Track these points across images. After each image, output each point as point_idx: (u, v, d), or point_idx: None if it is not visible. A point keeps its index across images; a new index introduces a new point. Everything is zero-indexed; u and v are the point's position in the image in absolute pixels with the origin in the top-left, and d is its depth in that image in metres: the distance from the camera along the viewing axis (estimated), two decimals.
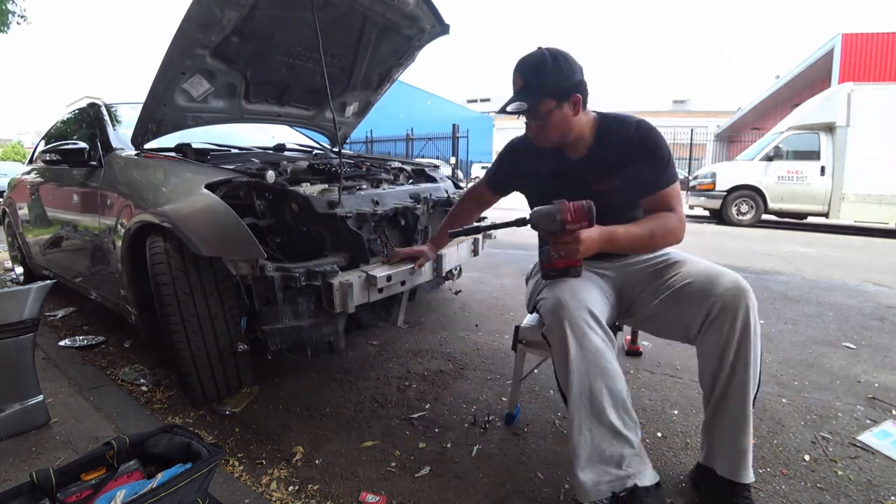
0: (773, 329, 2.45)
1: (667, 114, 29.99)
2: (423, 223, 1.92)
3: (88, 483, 1.00)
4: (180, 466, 1.02)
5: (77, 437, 1.44)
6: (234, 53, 1.80)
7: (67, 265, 2.50)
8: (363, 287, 1.44)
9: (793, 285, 3.41)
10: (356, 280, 1.42)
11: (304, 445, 1.41)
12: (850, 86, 7.06)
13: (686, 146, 14.81)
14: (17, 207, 3.16)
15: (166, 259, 1.48)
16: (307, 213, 1.51)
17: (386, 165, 2.27)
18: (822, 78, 13.91)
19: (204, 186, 1.48)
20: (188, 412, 1.60)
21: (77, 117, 2.63)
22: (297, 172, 1.76)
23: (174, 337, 1.49)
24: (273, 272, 1.38)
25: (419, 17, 2.08)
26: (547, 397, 1.71)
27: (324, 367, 1.92)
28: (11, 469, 1.29)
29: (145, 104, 1.75)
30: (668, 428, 1.51)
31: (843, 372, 1.94)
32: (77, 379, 1.83)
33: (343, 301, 1.39)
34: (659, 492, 1.04)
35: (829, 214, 7.11)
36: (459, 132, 15.12)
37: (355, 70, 2.30)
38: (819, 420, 1.56)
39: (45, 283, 1.49)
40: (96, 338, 2.29)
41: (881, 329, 2.47)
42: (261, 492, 1.21)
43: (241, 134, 2.65)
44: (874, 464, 1.33)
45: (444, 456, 1.37)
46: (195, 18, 1.54)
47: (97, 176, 2.02)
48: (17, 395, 1.46)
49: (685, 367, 1.97)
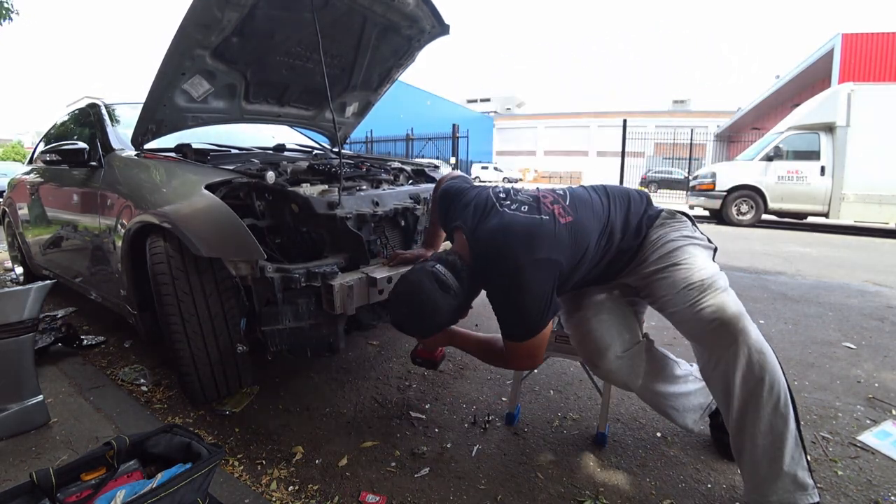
0: (773, 329, 2.45)
1: (667, 114, 30.00)
2: (423, 223, 1.92)
3: (88, 483, 1.00)
4: (180, 466, 1.02)
5: (77, 437, 1.44)
6: (234, 54, 1.80)
7: (67, 265, 2.50)
8: (363, 288, 1.44)
9: (793, 285, 3.41)
10: (357, 282, 1.42)
11: (304, 445, 1.41)
12: (850, 86, 7.06)
13: (686, 146, 14.81)
14: (17, 207, 3.15)
15: (166, 259, 1.48)
16: (307, 214, 1.51)
17: (386, 166, 2.27)
18: (822, 78, 13.91)
19: (204, 187, 1.48)
20: (188, 412, 1.60)
21: (77, 117, 2.63)
22: (297, 173, 1.76)
23: (174, 337, 1.49)
24: (273, 273, 1.38)
25: (419, 18, 2.08)
26: (547, 397, 1.71)
27: (324, 367, 1.92)
28: (11, 469, 1.29)
29: (145, 104, 1.75)
30: (669, 427, 1.51)
31: (843, 372, 1.94)
32: (77, 379, 1.83)
33: (343, 302, 1.39)
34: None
35: (829, 214, 7.11)
36: (459, 132, 15.12)
37: (355, 70, 2.30)
38: (819, 420, 1.56)
39: (45, 283, 1.50)
40: (96, 338, 2.29)
41: (881, 329, 2.47)
42: (261, 492, 1.21)
43: (241, 134, 2.65)
44: (874, 464, 1.33)
45: (444, 456, 1.37)
46: (195, 19, 1.54)
47: (97, 176, 2.02)
48: (17, 395, 1.47)
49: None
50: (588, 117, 34.00)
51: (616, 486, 1.25)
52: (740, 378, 1.05)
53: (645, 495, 1.21)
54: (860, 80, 10.54)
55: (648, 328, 2.31)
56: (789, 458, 1.04)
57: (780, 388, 1.05)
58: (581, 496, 1.21)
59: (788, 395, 1.06)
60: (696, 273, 1.12)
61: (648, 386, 1.29)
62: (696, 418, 1.36)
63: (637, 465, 1.33)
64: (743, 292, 3.16)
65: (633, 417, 1.58)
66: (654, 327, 2.33)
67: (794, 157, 7.34)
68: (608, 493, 1.22)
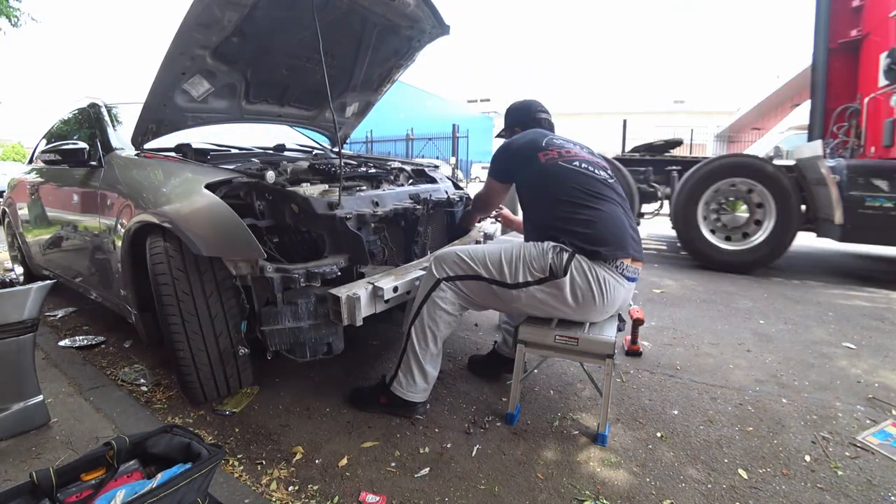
0: (773, 329, 2.45)
1: (667, 114, 29.98)
2: (423, 224, 1.92)
3: (88, 483, 1.00)
4: (180, 466, 1.02)
5: (77, 437, 1.44)
6: (235, 54, 1.80)
7: (67, 265, 2.50)
8: (370, 299, 1.44)
9: (793, 285, 3.41)
10: (363, 293, 1.41)
11: (304, 445, 1.41)
12: None
13: (686, 146, 14.84)
14: (17, 207, 3.15)
15: (166, 259, 1.48)
16: (307, 214, 1.51)
17: (386, 166, 2.27)
18: None
19: (204, 186, 1.48)
20: (188, 412, 1.60)
21: (77, 117, 2.63)
22: (297, 172, 1.76)
23: (174, 337, 1.48)
24: (272, 273, 1.38)
25: (420, 18, 2.08)
26: (547, 397, 1.71)
27: (324, 368, 1.92)
28: (11, 469, 1.29)
29: (145, 104, 1.75)
30: (668, 428, 1.51)
31: (843, 372, 1.94)
32: (77, 379, 1.83)
33: (351, 314, 1.38)
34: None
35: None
36: (459, 132, 15.11)
37: (355, 70, 2.30)
38: (819, 420, 1.56)
39: (45, 283, 1.49)
40: (96, 338, 2.29)
41: (881, 329, 2.47)
42: (261, 492, 1.21)
43: (241, 134, 2.65)
44: (874, 464, 1.33)
45: (444, 456, 1.37)
46: (195, 19, 1.54)
47: (97, 176, 2.02)
48: (18, 395, 1.46)
49: (685, 367, 1.97)
50: (588, 117, 33.99)
51: (616, 486, 1.25)
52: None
53: (645, 495, 1.21)
54: None
55: (649, 328, 2.31)
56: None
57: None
58: (581, 496, 1.21)
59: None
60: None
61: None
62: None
63: (637, 465, 1.33)
64: (743, 292, 3.16)
65: (633, 417, 1.58)
66: (655, 327, 2.33)
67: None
68: (608, 493, 1.22)
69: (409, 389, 1.51)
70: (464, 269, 1.47)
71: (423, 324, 1.49)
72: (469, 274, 1.46)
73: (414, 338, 1.50)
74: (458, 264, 1.47)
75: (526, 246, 1.46)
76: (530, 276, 1.41)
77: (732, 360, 2.05)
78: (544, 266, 1.39)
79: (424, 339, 1.49)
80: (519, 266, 1.42)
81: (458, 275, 1.47)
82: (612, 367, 1.39)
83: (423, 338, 1.49)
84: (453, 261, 1.48)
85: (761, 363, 2.03)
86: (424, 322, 1.48)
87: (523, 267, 1.41)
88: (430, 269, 1.51)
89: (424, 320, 1.48)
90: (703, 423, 1.54)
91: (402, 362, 1.52)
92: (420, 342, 1.49)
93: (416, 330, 1.49)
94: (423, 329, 1.49)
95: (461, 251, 1.50)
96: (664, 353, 2.11)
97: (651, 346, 2.19)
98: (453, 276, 1.47)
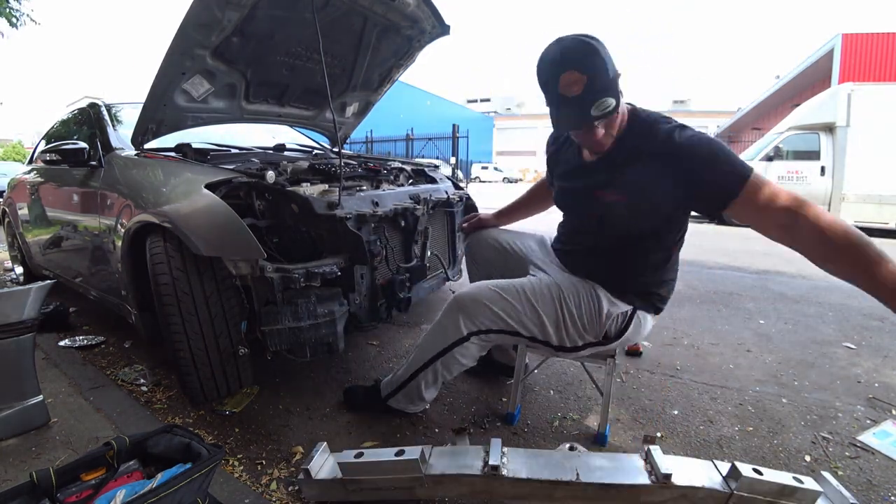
0: (773, 329, 2.45)
1: (667, 114, 29.90)
2: (422, 224, 1.92)
3: (88, 483, 1.00)
4: (180, 466, 1.02)
5: (77, 437, 1.44)
6: (235, 54, 1.80)
7: (67, 265, 2.50)
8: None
9: (793, 285, 3.41)
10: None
11: (304, 445, 1.41)
12: (850, 86, 7.06)
13: None
14: (17, 207, 3.15)
15: (166, 259, 1.48)
16: (307, 214, 1.51)
17: (386, 166, 2.27)
18: (822, 78, 13.92)
19: (204, 186, 1.48)
20: (188, 412, 1.60)
21: (77, 117, 2.63)
22: (297, 172, 1.76)
23: (174, 337, 1.48)
24: (272, 273, 1.38)
25: (420, 18, 2.08)
26: (547, 397, 1.71)
27: (324, 368, 1.92)
28: (11, 469, 1.29)
29: (145, 104, 1.75)
30: (668, 428, 1.51)
31: (843, 372, 1.94)
32: (77, 379, 1.83)
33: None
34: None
35: None
36: (459, 132, 15.12)
37: (355, 70, 2.30)
38: (819, 420, 1.56)
39: (45, 283, 1.49)
40: (96, 338, 2.29)
41: (881, 329, 2.47)
42: (261, 492, 1.21)
43: (241, 134, 2.65)
44: (874, 464, 1.33)
45: None
46: (195, 19, 1.54)
47: (97, 176, 2.02)
48: (17, 395, 1.46)
49: (685, 367, 1.97)
50: None
51: None
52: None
53: None
54: (860, 80, 10.54)
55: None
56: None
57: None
58: None
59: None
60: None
61: None
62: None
63: None
64: (743, 292, 3.16)
65: (633, 417, 1.58)
66: (655, 327, 2.33)
67: (794, 157, 7.34)
68: None
69: (408, 407, 1.49)
70: (499, 325, 1.26)
71: (436, 373, 1.36)
72: (504, 329, 1.26)
73: (422, 382, 1.39)
74: (493, 320, 1.26)
75: (571, 295, 1.23)
76: (580, 339, 1.26)
77: (732, 360, 2.05)
78: (599, 333, 1.25)
79: (434, 383, 1.40)
80: (569, 329, 1.25)
81: (491, 329, 1.27)
82: (612, 367, 1.39)
83: (433, 381, 1.39)
84: (485, 314, 1.25)
85: (761, 363, 2.03)
86: (438, 372, 1.35)
87: (573, 330, 1.25)
88: (453, 318, 1.28)
89: (438, 370, 1.35)
90: (703, 423, 1.54)
91: (404, 391, 1.44)
92: (427, 385, 1.40)
93: (426, 377, 1.37)
94: (434, 376, 1.37)
95: (490, 300, 1.25)
96: (664, 353, 2.11)
97: (651, 346, 2.19)
98: (484, 331, 1.27)
